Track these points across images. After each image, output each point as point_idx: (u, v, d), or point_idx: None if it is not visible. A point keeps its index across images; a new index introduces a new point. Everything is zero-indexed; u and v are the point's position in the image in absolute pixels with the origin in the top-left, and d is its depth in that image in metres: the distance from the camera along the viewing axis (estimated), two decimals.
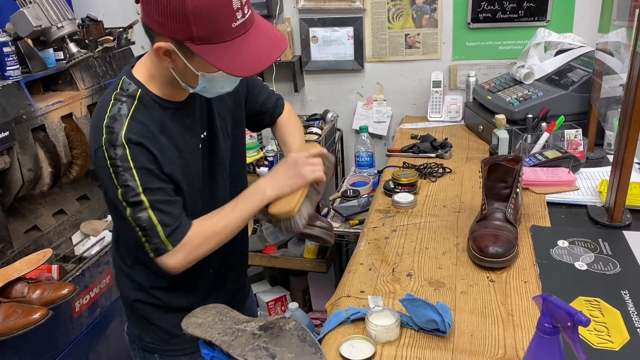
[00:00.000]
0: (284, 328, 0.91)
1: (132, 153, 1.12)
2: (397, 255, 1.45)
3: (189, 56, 1.07)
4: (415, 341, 1.12)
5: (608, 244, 1.40)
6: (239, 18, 1.04)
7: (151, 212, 1.14)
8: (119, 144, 1.11)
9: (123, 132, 1.12)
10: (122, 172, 1.12)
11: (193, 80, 1.13)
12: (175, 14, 1.00)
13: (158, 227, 1.15)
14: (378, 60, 2.66)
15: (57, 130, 2.06)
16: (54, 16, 1.89)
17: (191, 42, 1.04)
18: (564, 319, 0.86)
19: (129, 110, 1.15)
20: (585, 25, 2.40)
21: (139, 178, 1.12)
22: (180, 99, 1.23)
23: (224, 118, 1.34)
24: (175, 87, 1.19)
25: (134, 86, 1.17)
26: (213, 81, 1.13)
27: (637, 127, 1.39)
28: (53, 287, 1.78)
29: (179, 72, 1.13)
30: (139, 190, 1.13)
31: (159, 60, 1.10)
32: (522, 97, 2.10)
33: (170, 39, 1.05)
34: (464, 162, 2.03)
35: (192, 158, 1.26)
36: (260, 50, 1.08)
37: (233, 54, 1.05)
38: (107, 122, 1.13)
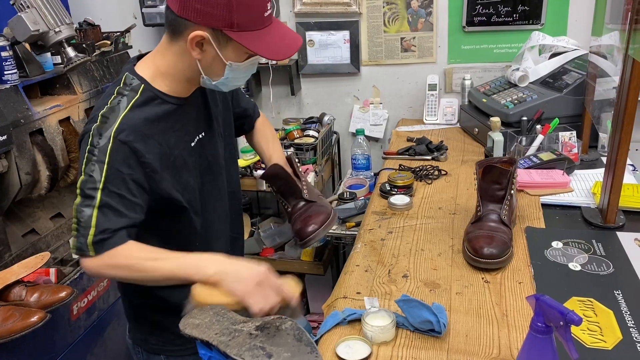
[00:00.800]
0: (281, 328, 0.92)
1: (113, 149, 1.12)
2: (393, 257, 1.46)
3: (223, 45, 1.12)
4: (411, 341, 1.13)
5: (602, 245, 1.42)
6: (269, 9, 1.13)
7: (96, 211, 1.11)
8: (105, 135, 1.12)
9: (115, 126, 1.13)
10: (94, 161, 1.11)
11: (219, 70, 1.17)
12: (219, 1, 1.06)
13: (92, 229, 1.12)
14: (374, 64, 2.68)
15: (55, 134, 2.07)
16: (51, 21, 1.90)
17: (230, 29, 1.09)
18: (557, 319, 0.88)
19: (128, 104, 1.16)
20: (579, 29, 2.42)
21: (105, 175, 1.11)
22: (185, 96, 1.25)
23: (218, 120, 1.37)
24: (186, 83, 1.22)
25: (137, 81, 1.19)
26: (237, 71, 1.18)
27: (630, 129, 1.41)
28: (51, 290, 1.79)
29: (205, 64, 1.16)
30: (98, 186, 1.11)
31: (190, 50, 1.13)
32: (516, 100, 2.11)
33: (207, 28, 1.10)
34: (460, 165, 2.04)
35: (183, 156, 1.26)
36: (286, 37, 1.18)
37: (266, 41, 1.13)
38: (104, 111, 1.15)
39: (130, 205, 1.15)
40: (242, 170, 2.50)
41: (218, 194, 1.37)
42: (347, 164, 2.80)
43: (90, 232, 1.11)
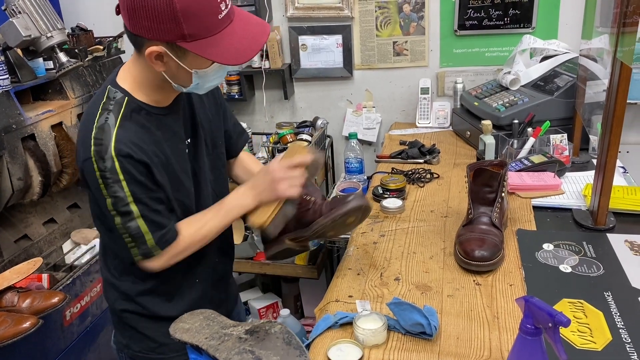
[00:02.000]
0: (270, 332, 0.92)
1: (122, 166, 1.14)
2: (385, 260, 1.46)
3: (181, 56, 1.10)
4: (402, 344, 1.13)
5: (592, 247, 1.43)
6: (223, 10, 1.07)
7: (141, 221, 1.17)
8: (107, 157, 1.13)
9: (112, 144, 1.13)
10: (111, 183, 1.14)
11: (186, 79, 1.15)
12: (164, 16, 1.03)
13: (147, 235, 1.18)
14: (367, 68, 2.69)
15: (47, 140, 2.06)
16: (43, 26, 1.90)
17: (183, 41, 1.06)
18: (546, 320, 0.88)
19: (117, 120, 1.16)
20: (569, 32, 2.44)
21: (129, 189, 1.15)
22: (166, 104, 1.24)
23: (205, 126, 1.36)
24: (162, 91, 1.21)
25: (120, 94, 1.18)
26: (205, 77, 1.16)
27: (619, 131, 1.42)
28: (43, 296, 1.78)
29: (171, 74, 1.14)
30: (128, 201, 1.15)
31: (151, 65, 1.12)
32: (508, 103, 2.13)
33: (161, 42, 1.07)
34: (452, 168, 2.05)
35: (180, 163, 1.27)
36: (247, 37, 1.12)
37: (224, 45, 1.08)
38: (95, 132, 1.14)
39: (160, 200, 1.22)
40: None
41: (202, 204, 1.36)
42: (341, 167, 2.80)
43: (147, 238, 1.19)
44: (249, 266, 2.65)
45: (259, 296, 2.91)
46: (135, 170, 1.15)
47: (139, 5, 1.03)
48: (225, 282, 1.53)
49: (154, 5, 1.02)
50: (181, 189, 1.27)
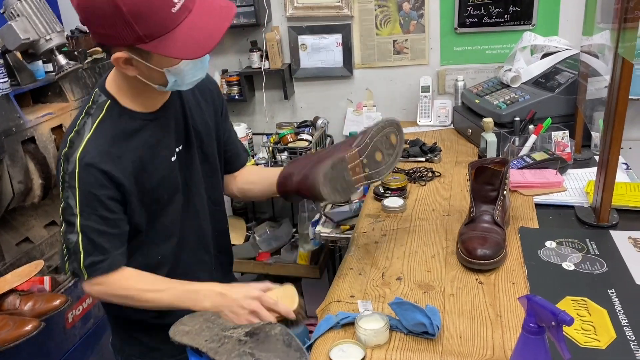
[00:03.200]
0: (270, 334, 0.92)
1: (81, 173, 1.11)
2: (387, 260, 1.46)
3: (147, 57, 1.07)
4: (405, 344, 1.13)
5: (595, 244, 1.42)
6: (177, 2, 1.03)
7: (80, 237, 1.13)
8: (72, 160, 1.12)
9: (79, 150, 1.12)
10: (67, 188, 1.12)
11: (161, 79, 1.12)
12: (115, 21, 1.00)
13: (81, 254, 1.14)
14: (367, 67, 2.68)
15: (47, 142, 2.06)
16: (42, 29, 1.90)
17: (141, 43, 1.03)
18: (549, 319, 0.88)
19: (93, 125, 1.15)
20: (570, 28, 2.42)
21: (79, 200, 1.12)
22: (153, 109, 1.22)
23: (200, 132, 1.33)
24: (146, 95, 1.19)
25: (104, 97, 1.17)
26: (181, 73, 1.12)
27: (621, 128, 1.41)
28: (45, 298, 1.78)
29: (145, 76, 1.12)
30: (75, 212, 1.12)
31: (123, 70, 1.11)
32: (509, 101, 2.12)
33: (123, 47, 1.06)
34: (453, 166, 2.04)
35: (163, 170, 1.24)
36: (209, 26, 1.07)
37: (184, 39, 1.04)
38: (72, 135, 1.15)
39: (113, 223, 1.16)
40: None
41: (195, 213, 1.34)
42: None
43: (80, 257, 1.14)
44: (252, 266, 2.65)
45: None
46: (94, 182, 1.12)
47: (90, 14, 1.02)
48: None
49: (102, 13, 1.00)
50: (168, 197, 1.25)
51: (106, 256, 1.15)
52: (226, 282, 1.52)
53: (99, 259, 1.15)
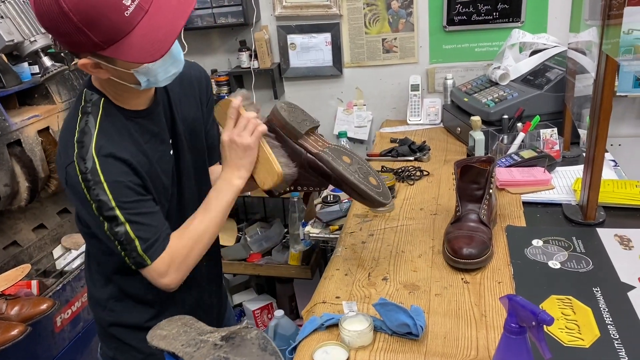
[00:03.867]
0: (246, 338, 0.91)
1: (102, 166, 1.10)
2: (374, 260, 1.45)
3: (111, 61, 1.06)
4: (389, 345, 1.12)
5: (582, 242, 1.41)
6: (129, 5, 1.00)
7: (128, 226, 1.12)
8: (88, 157, 1.10)
9: (93, 144, 1.11)
10: (93, 186, 1.10)
11: (133, 79, 1.11)
12: (69, 30, 0.99)
13: (136, 241, 1.13)
14: (356, 65, 2.67)
15: (34, 145, 2.05)
16: (26, 30, 1.89)
17: (100, 49, 1.02)
18: (529, 319, 0.87)
19: (96, 121, 1.14)
20: (558, 25, 2.42)
21: (111, 192, 1.11)
22: (142, 107, 1.22)
23: (187, 126, 1.33)
24: (129, 94, 1.18)
25: (96, 96, 1.17)
26: (150, 72, 1.11)
27: (606, 125, 1.40)
28: (32, 302, 1.77)
29: (117, 77, 1.11)
30: (112, 205, 1.11)
31: (95, 74, 1.11)
32: (497, 98, 2.11)
33: (85, 53, 1.05)
34: (442, 165, 2.04)
35: (162, 165, 1.24)
36: (166, 24, 1.04)
37: (140, 42, 1.02)
38: (77, 136, 1.12)
39: (148, 203, 1.17)
40: None
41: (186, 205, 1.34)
42: None
43: (136, 244, 1.13)
44: (243, 268, 2.64)
45: (254, 297, 2.90)
46: (117, 169, 1.11)
47: (47, 22, 1.01)
48: (214, 287, 1.50)
49: (56, 24, 0.99)
50: (163, 192, 1.25)
51: (157, 235, 1.15)
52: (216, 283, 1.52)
53: (154, 240, 1.14)
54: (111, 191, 1.11)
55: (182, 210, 1.32)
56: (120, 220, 1.12)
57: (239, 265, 2.64)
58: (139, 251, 1.13)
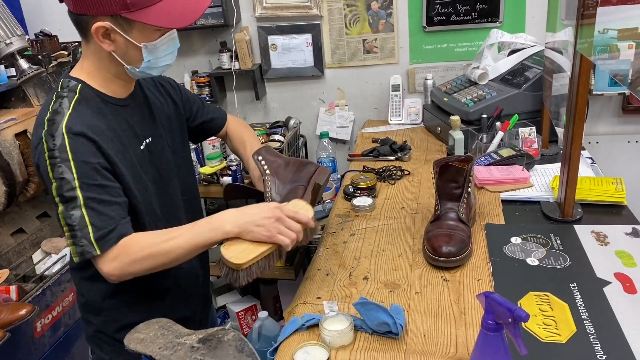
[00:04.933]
0: (222, 339, 0.91)
1: (72, 143, 1.08)
2: (355, 259, 1.46)
3: (128, 29, 1.11)
4: (369, 344, 1.12)
5: (559, 239, 1.43)
6: None
7: (84, 210, 1.07)
8: (58, 134, 1.08)
9: (64, 122, 1.10)
10: (59, 163, 1.06)
11: (137, 55, 1.15)
12: None
13: (89, 227, 1.07)
14: (337, 66, 2.68)
15: (11, 148, 2.02)
16: (1, 33, 1.87)
17: (126, 11, 1.07)
18: (505, 315, 0.88)
19: (70, 103, 1.14)
20: (536, 25, 2.45)
21: (77, 171, 1.07)
22: (122, 96, 1.23)
23: (165, 125, 1.35)
24: (117, 81, 1.20)
25: (73, 82, 1.18)
26: (155, 51, 1.16)
27: (581, 123, 1.42)
28: (10, 308, 1.75)
29: (121, 53, 1.14)
30: (74, 185, 1.06)
31: (100, 45, 1.12)
32: (476, 98, 2.13)
33: (106, 17, 1.08)
34: (423, 164, 2.05)
35: (136, 157, 1.23)
36: (190, 3, 1.14)
37: (167, 11, 1.10)
38: (49, 116, 1.12)
39: (114, 191, 1.13)
40: (209, 177, 2.48)
41: (170, 202, 1.34)
42: None
43: (89, 231, 1.07)
44: None
45: (237, 299, 2.89)
46: (87, 150, 1.09)
47: None
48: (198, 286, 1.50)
49: None
50: (140, 180, 1.24)
51: (114, 225, 1.09)
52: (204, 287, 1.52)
53: (108, 230, 1.08)
54: (77, 170, 1.07)
55: (167, 206, 1.32)
56: (79, 202, 1.07)
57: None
58: (91, 239, 1.07)
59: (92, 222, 1.07)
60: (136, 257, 1.11)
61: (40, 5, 2.75)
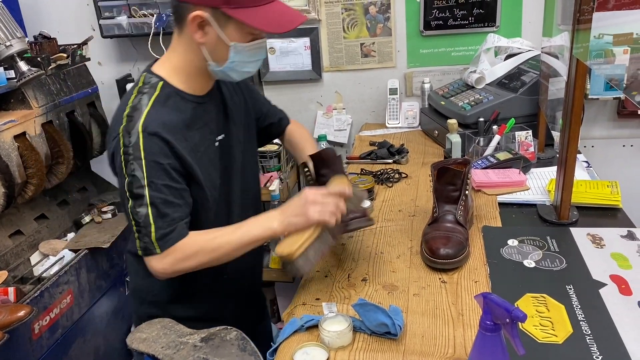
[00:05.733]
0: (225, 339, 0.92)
1: (146, 143, 1.14)
2: (353, 261, 1.47)
3: (223, 24, 1.13)
4: (368, 345, 1.13)
5: (555, 241, 1.45)
6: None
7: (150, 209, 1.14)
8: (134, 132, 1.14)
9: (141, 121, 1.15)
10: (132, 160, 1.13)
11: (224, 53, 1.17)
12: None
13: (152, 226, 1.14)
14: (335, 70, 2.69)
15: (10, 150, 2.02)
16: (1, 35, 1.87)
17: (227, 7, 1.10)
18: (503, 316, 0.89)
19: (149, 100, 1.18)
20: (533, 30, 2.47)
21: (147, 170, 1.13)
22: (202, 94, 1.26)
23: (237, 125, 1.38)
24: (199, 78, 1.24)
25: (155, 79, 1.22)
26: (243, 54, 1.18)
27: (577, 127, 1.44)
28: (9, 309, 1.75)
29: (210, 47, 1.17)
30: (143, 183, 1.13)
31: (191, 35, 1.15)
32: (473, 102, 2.15)
33: (206, 7, 1.11)
34: (420, 167, 2.07)
35: (209, 154, 1.28)
36: (287, 13, 1.19)
37: (265, 16, 1.14)
38: (128, 111, 1.17)
39: (178, 194, 1.18)
40: None
41: (231, 201, 1.37)
42: None
43: (151, 230, 1.14)
44: None
45: None
46: (159, 150, 1.15)
47: None
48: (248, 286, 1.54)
49: None
50: (210, 178, 1.28)
51: (174, 227, 1.16)
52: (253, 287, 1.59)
53: (169, 230, 1.15)
54: (147, 169, 1.13)
55: (229, 205, 1.35)
56: (146, 200, 1.14)
57: None
58: (152, 238, 1.15)
59: (155, 221, 1.14)
60: (187, 254, 1.17)
61: (38, 7, 2.76)
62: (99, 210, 2.48)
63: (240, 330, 1.12)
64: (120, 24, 2.58)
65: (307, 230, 1.21)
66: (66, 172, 2.37)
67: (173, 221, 1.16)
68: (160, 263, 1.17)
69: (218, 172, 1.31)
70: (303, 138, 1.62)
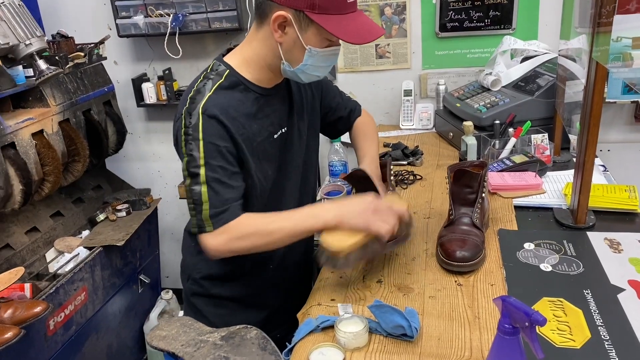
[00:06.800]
0: (245, 337, 0.92)
1: (205, 124, 1.18)
2: (368, 262, 1.46)
3: (304, 27, 1.16)
4: (384, 347, 1.13)
5: (572, 245, 1.44)
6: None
7: (204, 187, 1.18)
8: (195, 113, 1.18)
9: (202, 103, 1.19)
10: (190, 140, 1.18)
11: (299, 55, 1.20)
12: None
13: (205, 204, 1.18)
14: (350, 71, 2.69)
15: (28, 148, 2.05)
16: (21, 33, 1.89)
17: (311, 11, 1.13)
18: (522, 319, 0.89)
19: (213, 86, 1.22)
20: (549, 32, 2.46)
21: (204, 150, 1.18)
22: (268, 86, 1.29)
23: (301, 119, 1.40)
24: (268, 71, 1.26)
25: (223, 67, 1.26)
26: (316, 58, 1.20)
27: (596, 131, 1.43)
28: (25, 305, 1.77)
29: (286, 47, 1.20)
30: (200, 162, 1.18)
31: (271, 32, 1.18)
32: (489, 104, 2.14)
33: (290, 9, 1.14)
34: (435, 169, 2.06)
35: (264, 145, 1.30)
36: (367, 25, 1.21)
37: (346, 25, 1.16)
38: (192, 94, 1.22)
39: (232, 176, 1.22)
40: None
41: (283, 194, 1.39)
42: (325, 171, 2.80)
43: (204, 207, 1.18)
44: None
45: None
46: (216, 132, 1.18)
47: None
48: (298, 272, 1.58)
49: None
50: (262, 169, 1.30)
51: (227, 206, 1.19)
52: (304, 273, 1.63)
53: (222, 209, 1.19)
54: (204, 150, 1.18)
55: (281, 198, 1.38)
56: (201, 179, 1.18)
57: None
58: (206, 215, 1.18)
59: (210, 199, 1.18)
60: (242, 233, 1.20)
61: (56, 6, 2.79)
62: (114, 208, 2.50)
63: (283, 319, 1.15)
64: (137, 24, 2.60)
65: (359, 233, 1.22)
66: (82, 170, 2.39)
67: (227, 201, 1.20)
68: (214, 240, 1.20)
69: (273, 165, 1.34)
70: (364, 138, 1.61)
